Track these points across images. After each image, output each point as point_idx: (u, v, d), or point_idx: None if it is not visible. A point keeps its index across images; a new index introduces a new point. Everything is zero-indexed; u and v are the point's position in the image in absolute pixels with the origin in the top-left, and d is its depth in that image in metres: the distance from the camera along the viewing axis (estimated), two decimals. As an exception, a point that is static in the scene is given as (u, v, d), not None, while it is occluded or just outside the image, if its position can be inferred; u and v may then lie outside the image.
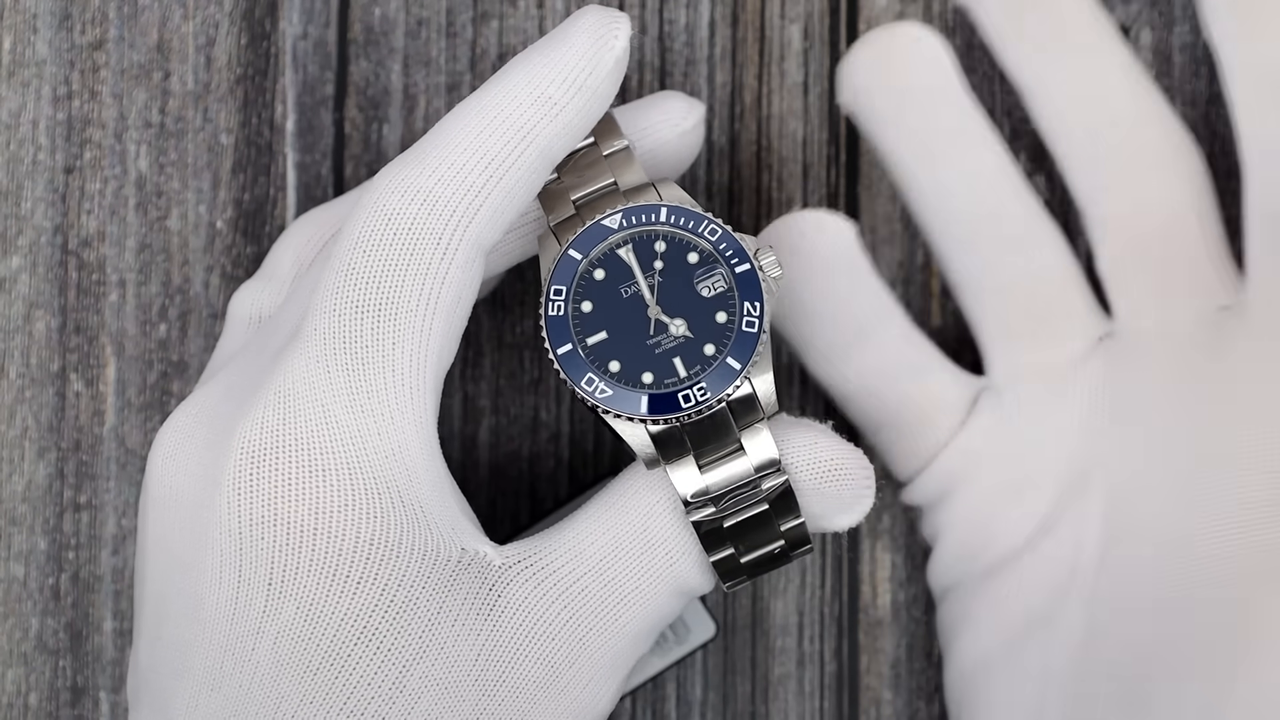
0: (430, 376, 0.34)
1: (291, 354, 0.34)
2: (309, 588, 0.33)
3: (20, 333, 0.44)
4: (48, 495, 0.44)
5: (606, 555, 0.35)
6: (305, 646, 0.33)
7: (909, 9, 0.44)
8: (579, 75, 0.34)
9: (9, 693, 0.43)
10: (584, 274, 0.35)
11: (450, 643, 0.33)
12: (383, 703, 0.33)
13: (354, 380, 0.33)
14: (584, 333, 0.35)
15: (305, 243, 0.39)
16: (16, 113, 0.44)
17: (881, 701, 0.44)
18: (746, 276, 0.35)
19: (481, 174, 0.34)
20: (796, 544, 0.36)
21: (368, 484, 0.33)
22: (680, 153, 0.38)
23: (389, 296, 0.33)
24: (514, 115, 0.34)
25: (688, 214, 0.35)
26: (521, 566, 0.34)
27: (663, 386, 0.34)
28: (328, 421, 0.33)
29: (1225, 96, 0.40)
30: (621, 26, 0.34)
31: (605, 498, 0.36)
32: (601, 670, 0.35)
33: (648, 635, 0.36)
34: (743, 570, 0.36)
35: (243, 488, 0.33)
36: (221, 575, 0.33)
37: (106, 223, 0.44)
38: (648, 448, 0.35)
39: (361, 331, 0.33)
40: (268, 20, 0.44)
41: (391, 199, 0.34)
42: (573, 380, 0.34)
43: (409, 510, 0.34)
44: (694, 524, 0.35)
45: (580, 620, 0.35)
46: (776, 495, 0.35)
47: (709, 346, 0.35)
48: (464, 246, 0.34)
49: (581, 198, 0.36)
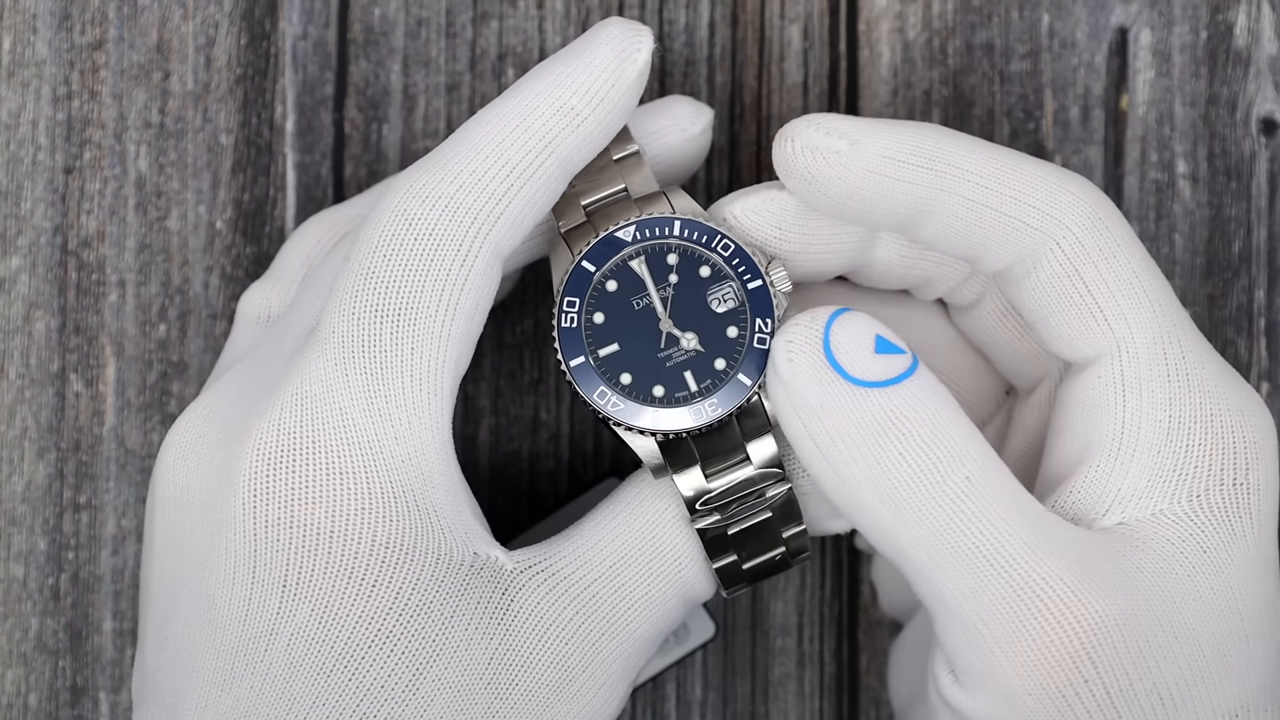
0: (447, 382, 0.34)
1: (308, 356, 0.34)
2: (324, 590, 0.33)
3: (20, 333, 0.44)
4: (47, 495, 0.44)
5: (616, 561, 0.35)
6: (319, 648, 0.33)
7: (909, 9, 0.44)
8: (602, 87, 0.34)
9: (9, 693, 0.43)
10: (596, 285, 0.35)
11: (463, 646, 0.34)
12: (396, 705, 0.33)
13: (372, 384, 0.33)
14: (596, 345, 0.35)
15: (315, 243, 0.39)
16: (16, 113, 0.44)
17: (881, 701, 0.44)
18: (759, 292, 0.35)
19: (503, 182, 0.34)
20: (797, 551, 0.36)
21: (384, 488, 0.33)
22: (688, 157, 0.38)
23: (408, 301, 0.33)
24: (536, 125, 0.34)
25: (701, 228, 0.35)
26: (533, 572, 0.35)
27: (673, 401, 0.35)
28: (345, 424, 0.33)
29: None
30: (645, 40, 0.35)
31: (613, 505, 0.36)
32: (613, 675, 0.35)
33: (654, 641, 0.36)
34: (744, 577, 0.36)
35: (258, 489, 0.33)
36: (235, 576, 0.33)
37: (106, 223, 0.44)
38: (655, 457, 0.35)
39: (380, 336, 0.33)
40: (267, 20, 0.44)
41: (413, 203, 0.34)
42: (585, 393, 0.35)
43: (424, 514, 0.34)
44: (699, 531, 0.35)
45: (592, 625, 0.35)
46: (780, 503, 0.35)
47: (720, 361, 0.35)
48: (484, 253, 0.34)
49: (592, 203, 0.36)
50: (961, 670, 0.34)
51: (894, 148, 0.34)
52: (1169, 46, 0.44)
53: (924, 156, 0.34)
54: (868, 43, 0.44)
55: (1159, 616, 0.33)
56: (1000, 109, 0.44)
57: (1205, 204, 0.44)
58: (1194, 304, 0.44)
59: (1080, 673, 0.32)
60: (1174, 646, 0.33)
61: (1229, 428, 0.35)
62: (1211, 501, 0.34)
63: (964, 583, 0.33)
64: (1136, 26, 0.44)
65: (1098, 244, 0.35)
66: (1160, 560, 0.34)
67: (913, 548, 0.33)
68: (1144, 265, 0.35)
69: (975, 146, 0.35)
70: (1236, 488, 0.34)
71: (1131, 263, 0.35)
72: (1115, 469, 0.34)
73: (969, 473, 0.33)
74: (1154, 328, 0.35)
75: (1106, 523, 0.34)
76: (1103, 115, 0.44)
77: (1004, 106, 0.44)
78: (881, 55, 0.44)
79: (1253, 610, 0.34)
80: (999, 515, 0.33)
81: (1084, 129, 0.44)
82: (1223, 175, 0.43)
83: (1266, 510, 0.35)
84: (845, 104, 0.44)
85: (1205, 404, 0.35)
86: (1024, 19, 0.44)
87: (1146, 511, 0.34)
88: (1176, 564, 0.34)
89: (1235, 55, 0.44)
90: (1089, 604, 0.32)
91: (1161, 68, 0.44)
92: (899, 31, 0.44)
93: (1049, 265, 0.35)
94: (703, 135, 0.38)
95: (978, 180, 0.35)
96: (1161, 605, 0.33)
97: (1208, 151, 0.44)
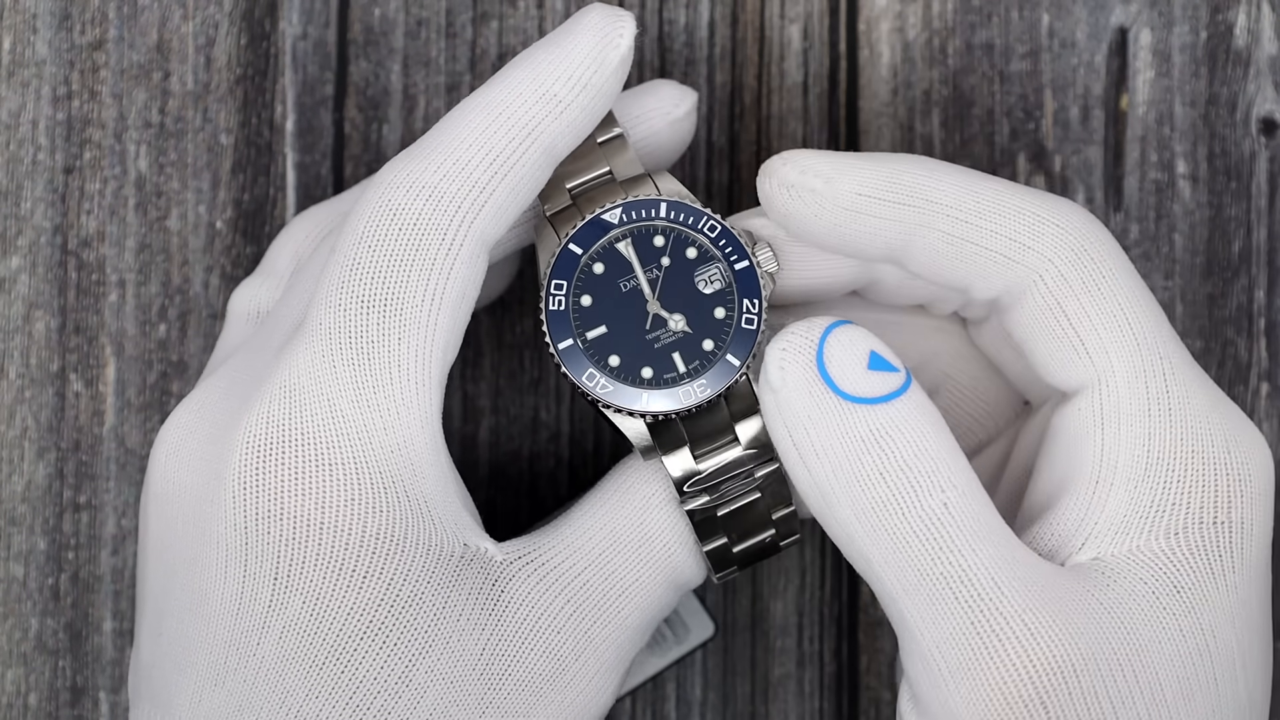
0: (435, 371, 0.34)
1: (295, 348, 0.34)
2: (315, 582, 0.33)
3: (20, 333, 0.44)
4: (47, 495, 0.44)
5: (606, 549, 0.35)
6: (311, 641, 0.33)
7: (909, 9, 0.44)
8: (584, 73, 0.34)
9: (9, 693, 0.43)
10: (583, 268, 0.35)
11: (455, 637, 0.34)
12: (388, 697, 0.33)
13: (359, 375, 0.33)
14: (584, 327, 0.35)
15: (304, 239, 0.39)
16: (16, 113, 0.44)
17: (881, 702, 0.44)
18: (746, 273, 0.35)
19: (486, 170, 0.34)
20: (787, 534, 0.36)
21: (373, 479, 0.33)
22: (673, 141, 0.38)
23: (394, 291, 0.33)
24: (519, 112, 0.34)
25: (687, 209, 0.35)
26: (523, 562, 0.35)
27: (662, 382, 0.35)
28: (333, 416, 0.33)
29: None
30: (626, 25, 0.35)
31: (601, 492, 0.36)
32: (605, 663, 0.35)
33: (646, 629, 0.36)
34: (734, 560, 0.36)
35: (247, 482, 0.33)
36: (226, 570, 0.33)
37: (106, 223, 0.44)
38: (644, 438, 0.35)
39: (367, 326, 0.33)
40: (267, 20, 0.44)
41: (396, 194, 0.34)
42: (573, 375, 0.35)
43: (414, 505, 0.34)
44: (688, 513, 0.35)
45: (583, 614, 0.35)
46: (769, 483, 0.35)
47: (708, 342, 0.35)
48: (469, 241, 0.34)
49: (577, 186, 0.36)
50: (918, 698, 0.34)
51: (869, 185, 0.34)
52: (1169, 46, 0.44)
53: (900, 192, 0.34)
54: (868, 43, 0.44)
55: (1122, 659, 0.33)
56: (1000, 109, 0.44)
57: (1205, 204, 0.44)
58: (1194, 304, 0.44)
59: (1030, 715, 0.32)
60: (1134, 691, 0.33)
61: (1212, 463, 0.34)
62: (1190, 540, 0.34)
63: (926, 611, 0.33)
64: (1136, 26, 0.44)
65: (1081, 276, 0.34)
66: (1130, 599, 0.33)
67: (882, 568, 0.33)
68: (1131, 296, 0.35)
69: (957, 179, 0.35)
70: (1217, 526, 0.34)
71: (1117, 294, 0.34)
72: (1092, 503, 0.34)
73: (947, 499, 0.33)
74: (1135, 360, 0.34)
75: (1081, 558, 0.34)
76: (1103, 115, 0.44)
77: (1004, 106, 0.44)
78: (881, 55, 0.44)
79: (1224, 653, 0.34)
80: (970, 547, 0.33)
81: (1084, 129, 0.44)
82: (1223, 175, 0.43)
83: (1252, 549, 0.34)
84: (845, 104, 0.44)
85: (1187, 439, 0.34)
86: (1024, 19, 0.44)
87: (1122, 548, 0.34)
88: (1147, 604, 0.33)
89: (1235, 55, 0.44)
90: (1047, 647, 0.32)
91: (1161, 68, 0.44)
92: (899, 31, 0.44)
93: (1033, 298, 0.35)
94: (687, 118, 0.38)
95: (956, 215, 0.34)
96: (1126, 648, 0.33)
97: (1208, 151, 0.44)
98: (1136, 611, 0.33)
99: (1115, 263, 0.35)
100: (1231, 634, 0.34)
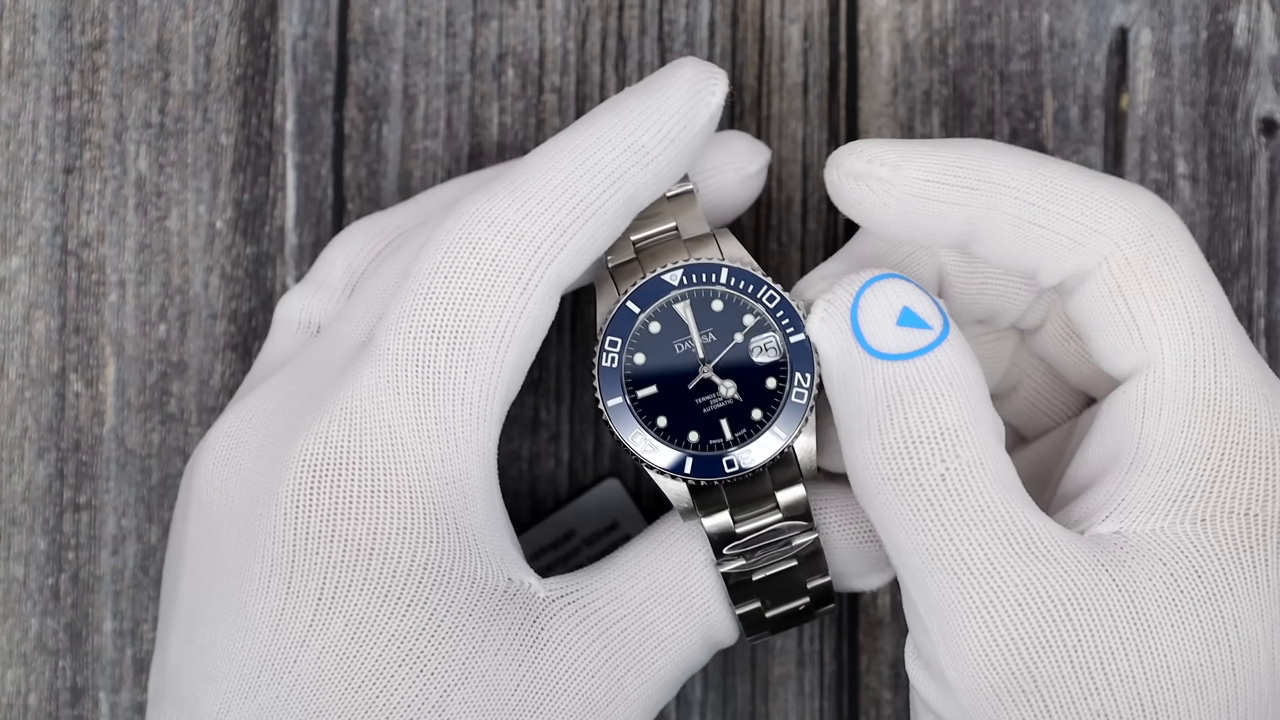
0: (497, 408, 0.34)
1: (360, 371, 0.34)
2: (359, 606, 0.33)
3: (20, 333, 0.44)
4: (47, 495, 0.44)
5: (647, 599, 0.35)
6: (349, 663, 0.33)
7: (909, 9, 0.44)
8: (673, 127, 0.34)
9: (9, 693, 0.43)
10: (640, 327, 0.35)
11: (492, 671, 0.34)
12: None
13: (423, 404, 0.33)
14: (634, 386, 0.35)
15: (359, 250, 0.38)
16: (16, 113, 0.44)
17: (881, 702, 0.44)
18: (800, 346, 0.35)
19: (569, 214, 0.34)
20: (821, 601, 0.36)
21: (426, 508, 0.33)
22: (741, 196, 0.38)
23: (466, 324, 0.34)
24: (605, 160, 0.34)
25: (748, 277, 0.35)
26: (565, 602, 0.35)
27: (707, 448, 0.35)
28: (393, 442, 0.33)
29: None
30: (720, 83, 0.35)
31: (648, 541, 0.36)
32: (634, 712, 0.35)
33: (675, 683, 0.36)
34: (766, 625, 0.36)
35: (300, 501, 0.33)
36: (270, 585, 0.33)
37: (106, 223, 0.44)
38: (685, 500, 0.35)
39: (435, 356, 0.33)
40: (267, 20, 0.44)
41: (477, 228, 0.34)
42: (621, 434, 0.35)
43: (463, 537, 0.34)
44: (723, 575, 0.35)
45: (619, 661, 0.35)
46: (806, 552, 0.35)
47: (756, 411, 0.35)
48: (544, 283, 0.34)
49: (641, 241, 0.36)
50: (918, 649, 0.34)
51: (935, 170, 0.34)
52: (1169, 46, 0.44)
53: (967, 176, 0.34)
54: (868, 43, 0.44)
55: (1126, 639, 0.33)
56: (1000, 109, 0.44)
57: (1205, 204, 0.44)
58: (1194, 304, 0.44)
59: (1019, 684, 0.32)
60: (1136, 670, 0.33)
61: (1254, 457, 0.34)
62: (1218, 528, 0.33)
63: (918, 576, 0.33)
64: (1136, 26, 0.44)
65: (1144, 260, 0.34)
66: (1145, 579, 0.33)
67: (880, 525, 0.34)
68: (1192, 284, 0.34)
69: (1023, 162, 0.35)
70: (1249, 518, 0.34)
71: (1178, 281, 0.34)
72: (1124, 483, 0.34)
73: (945, 470, 0.33)
74: (1187, 348, 0.34)
75: (1103, 529, 0.34)
76: (1103, 115, 0.44)
77: (1004, 106, 0.44)
78: (881, 55, 0.44)
79: (1248, 646, 0.33)
80: (962, 519, 0.33)
81: (1084, 129, 0.44)
82: (1223, 175, 0.43)
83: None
84: (845, 104, 0.44)
85: (1230, 430, 0.34)
86: (1024, 19, 0.44)
87: (1145, 527, 0.34)
88: (1162, 584, 0.33)
89: (1235, 55, 0.44)
90: (1037, 620, 0.32)
91: (1161, 68, 0.44)
92: (899, 31, 0.44)
93: (1095, 281, 0.35)
94: (759, 175, 0.38)
95: (1024, 197, 0.34)
96: (1132, 627, 0.33)
97: (1208, 151, 0.44)
98: (1150, 592, 0.33)
99: (1180, 249, 0.35)
100: (1259, 627, 0.33)
